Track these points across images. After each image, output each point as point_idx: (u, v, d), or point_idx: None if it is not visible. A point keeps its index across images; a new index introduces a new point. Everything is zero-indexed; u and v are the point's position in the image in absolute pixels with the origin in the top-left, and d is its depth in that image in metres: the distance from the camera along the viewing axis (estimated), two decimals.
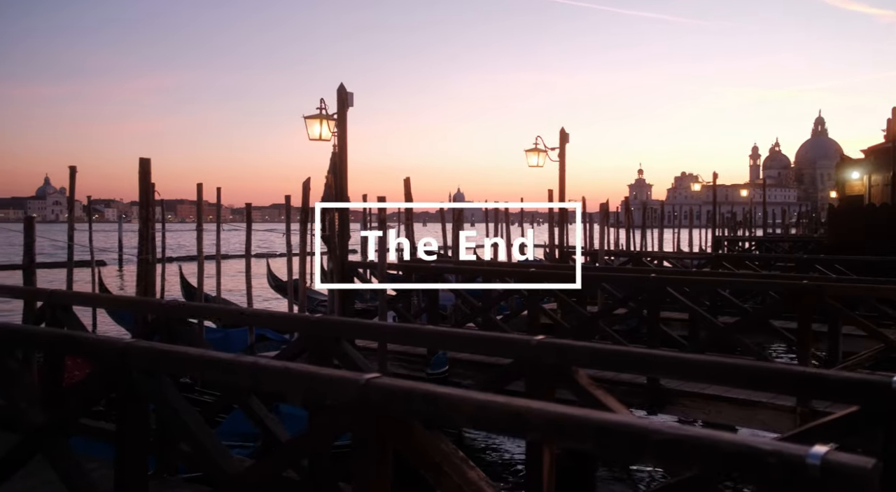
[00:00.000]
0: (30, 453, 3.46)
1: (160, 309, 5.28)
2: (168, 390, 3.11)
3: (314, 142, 9.50)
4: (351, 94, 9.05)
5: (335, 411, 2.63)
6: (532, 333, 5.71)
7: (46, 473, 3.44)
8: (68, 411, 3.49)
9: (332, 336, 4.30)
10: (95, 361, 3.81)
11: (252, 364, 2.83)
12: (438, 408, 2.25)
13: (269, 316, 5.91)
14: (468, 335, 4.42)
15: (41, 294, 5.92)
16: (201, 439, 3.01)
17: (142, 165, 8.52)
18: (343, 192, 9.26)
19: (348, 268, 9.57)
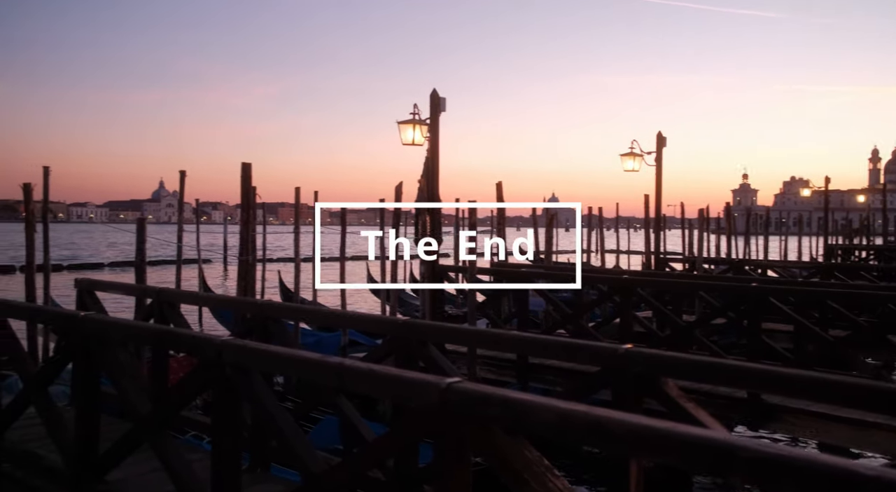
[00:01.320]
0: (138, 441, 3.67)
1: (256, 308, 5.48)
2: (259, 387, 3.22)
3: (407, 146, 9.63)
4: (443, 99, 9.11)
5: (418, 413, 2.64)
6: (623, 341, 5.56)
7: (156, 461, 3.64)
8: (171, 403, 3.67)
9: (418, 339, 4.33)
10: (195, 357, 4.00)
11: (338, 365, 2.89)
12: (516, 414, 2.21)
13: (360, 318, 6.02)
14: (555, 342, 4.34)
15: (150, 292, 6.27)
16: (289, 436, 3.10)
17: (244, 170, 8.91)
18: (435, 195, 9.34)
19: (439, 272, 9.63)
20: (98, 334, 3.91)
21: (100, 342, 3.90)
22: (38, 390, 4.29)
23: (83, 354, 3.95)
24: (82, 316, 4.07)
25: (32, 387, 4.32)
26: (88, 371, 3.96)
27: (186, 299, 6.58)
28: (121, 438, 3.73)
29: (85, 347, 3.92)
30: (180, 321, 5.95)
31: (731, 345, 8.53)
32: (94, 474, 3.82)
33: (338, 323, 9.52)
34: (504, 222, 13.61)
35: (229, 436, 3.29)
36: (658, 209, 13.96)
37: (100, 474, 3.82)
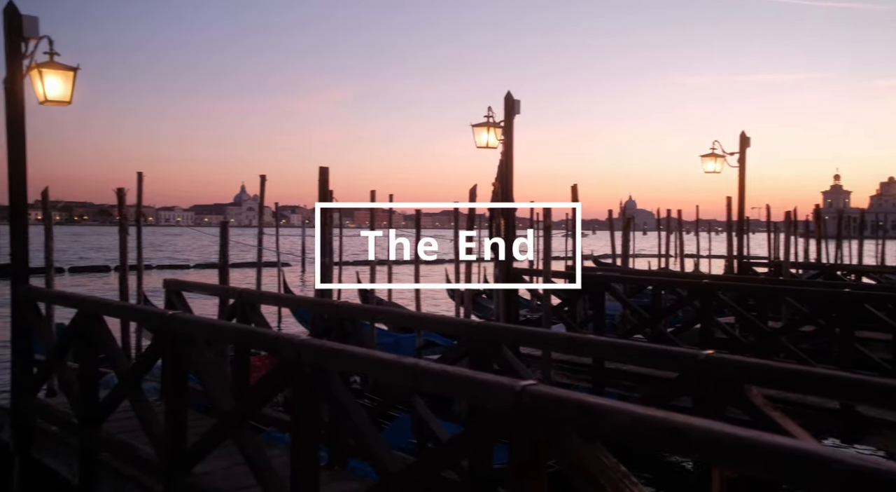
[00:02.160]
0: (222, 435, 3.80)
1: (333, 310, 5.60)
2: (337, 386, 3.29)
3: (481, 149, 9.64)
4: (518, 102, 9.08)
5: (492, 415, 2.64)
6: (704, 347, 5.39)
7: (238, 456, 3.77)
8: (253, 400, 3.79)
9: (493, 341, 4.32)
10: (275, 356, 4.12)
11: (413, 365, 2.92)
12: (592, 418, 2.18)
13: (434, 320, 6.06)
14: (632, 346, 4.26)
15: (233, 293, 6.50)
16: (366, 435, 3.15)
17: (321, 174, 9.11)
18: (509, 198, 9.31)
19: (514, 275, 9.59)
20: (185, 333, 4.08)
21: (186, 341, 4.07)
22: (132, 385, 4.51)
23: (171, 351, 4.12)
24: (170, 315, 4.25)
25: (126, 382, 4.55)
26: (176, 368, 4.14)
27: (267, 300, 6.79)
28: (206, 432, 3.88)
29: (173, 346, 4.10)
30: (261, 321, 6.15)
31: (820, 353, 8.12)
32: (183, 466, 3.98)
33: (413, 324, 9.61)
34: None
35: (308, 433, 3.37)
36: (741, 212, 13.47)
37: (188, 466, 3.98)
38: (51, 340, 5.70)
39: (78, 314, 5.07)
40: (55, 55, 5.76)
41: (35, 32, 5.56)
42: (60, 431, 5.32)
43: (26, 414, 5.65)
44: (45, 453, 5.50)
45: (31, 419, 5.63)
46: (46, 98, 5.85)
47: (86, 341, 5.03)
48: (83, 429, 4.87)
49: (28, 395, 5.75)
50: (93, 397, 4.91)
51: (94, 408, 4.85)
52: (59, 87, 5.88)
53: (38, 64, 5.70)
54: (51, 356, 5.49)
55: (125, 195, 10.13)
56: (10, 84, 5.62)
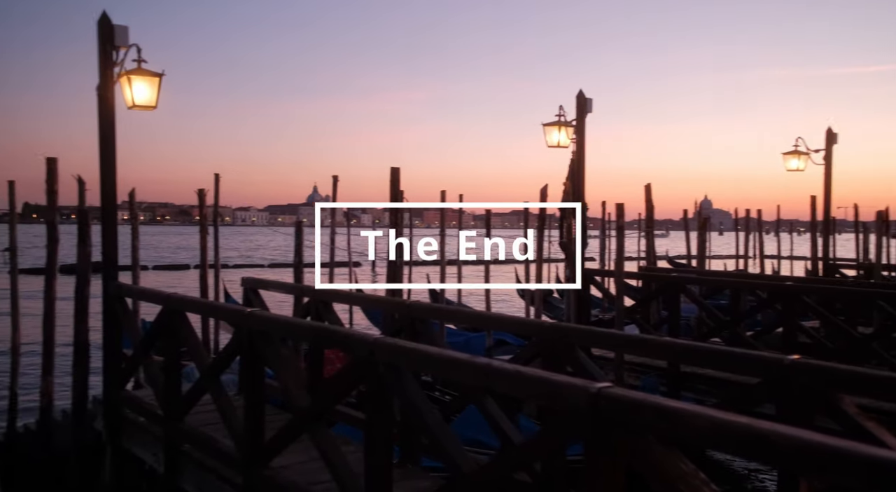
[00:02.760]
0: (298, 431, 3.89)
1: (405, 309, 5.64)
2: (409, 385, 3.31)
3: (552, 149, 9.54)
4: (590, 100, 8.95)
5: (567, 417, 2.60)
6: (787, 352, 5.17)
7: (313, 451, 3.86)
8: (327, 397, 3.87)
9: (565, 342, 4.27)
10: (349, 354, 4.18)
11: (486, 365, 2.91)
12: (671, 423, 2.12)
13: (505, 320, 6.03)
14: (710, 350, 4.12)
15: (307, 291, 6.65)
16: (438, 434, 3.16)
17: (392, 174, 9.21)
18: (581, 198, 9.18)
19: (585, 275, 9.45)
20: (262, 330, 4.20)
21: (264, 337, 4.18)
22: (213, 379, 4.67)
23: (249, 347, 4.25)
24: (248, 312, 4.37)
25: (207, 377, 4.71)
26: (254, 363, 4.26)
27: (340, 299, 6.90)
28: (283, 427, 3.98)
29: (251, 342, 4.22)
30: (334, 319, 6.27)
31: None
32: (261, 460, 4.10)
33: (483, 324, 9.60)
34: (653, 226, 13.11)
35: (381, 431, 3.40)
36: (827, 211, 12.86)
37: (265, 459, 4.10)
38: (137, 335, 5.96)
39: (163, 310, 5.29)
40: (143, 62, 6.02)
41: (125, 41, 5.83)
42: (147, 422, 5.55)
43: (116, 405, 5.94)
44: (133, 443, 5.76)
45: (121, 410, 5.91)
46: (134, 103, 6.12)
47: (170, 336, 5.25)
48: (168, 421, 5.07)
49: (117, 387, 6.04)
50: (176, 390, 5.11)
51: (177, 401, 5.05)
52: (146, 93, 6.14)
53: (127, 71, 5.97)
54: (137, 350, 5.74)
55: (205, 196, 10.51)
56: (102, 91, 5.91)
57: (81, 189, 9.38)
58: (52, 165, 7.59)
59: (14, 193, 12.10)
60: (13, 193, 12.06)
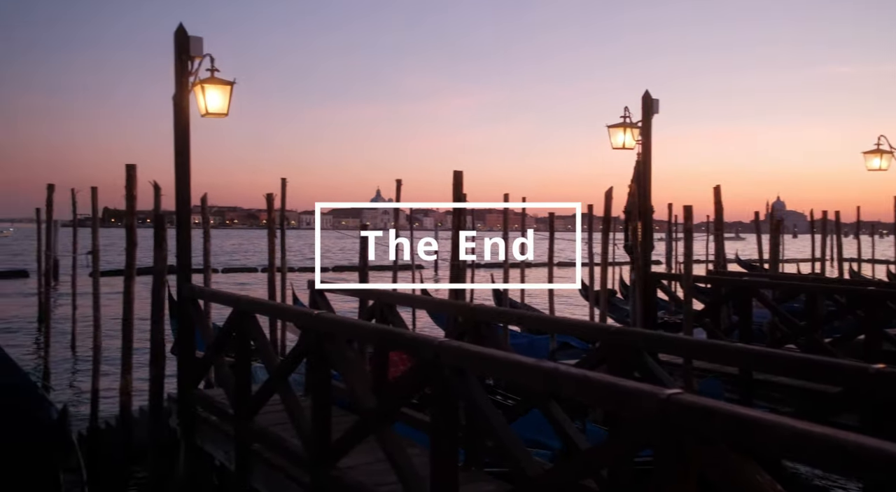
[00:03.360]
0: (364, 432, 3.94)
1: (469, 312, 5.65)
2: (475, 388, 3.31)
3: (617, 150, 9.40)
4: (656, 101, 8.77)
5: (635, 424, 2.55)
6: (870, 361, 4.94)
7: (379, 453, 3.90)
8: (393, 399, 3.90)
9: (632, 347, 4.19)
10: (414, 357, 4.21)
11: (552, 370, 2.88)
12: (745, 431, 2.05)
13: (570, 324, 5.96)
14: (785, 357, 3.97)
15: (371, 294, 6.72)
16: (504, 438, 3.14)
17: (455, 177, 9.26)
18: (647, 201, 9.01)
19: (651, 279, 9.26)
20: (329, 332, 4.27)
21: (331, 339, 4.25)
22: (281, 380, 4.78)
23: (317, 349, 4.32)
24: (315, 315, 4.45)
25: (276, 378, 4.82)
26: (321, 365, 4.33)
27: (404, 301, 6.96)
28: (350, 428, 4.04)
29: (318, 343, 4.29)
30: (398, 321, 6.32)
31: None
32: (328, 460, 4.17)
33: (547, 327, 9.52)
34: (722, 228, 12.74)
35: (447, 434, 3.41)
36: None
37: (333, 460, 4.16)
38: (210, 336, 6.15)
39: (234, 312, 5.44)
40: (215, 71, 6.22)
41: (200, 51, 6.04)
42: (219, 420, 5.72)
43: (189, 404, 6.14)
44: (205, 441, 5.95)
45: (194, 409, 6.11)
46: (207, 111, 6.33)
47: (240, 337, 5.40)
48: (238, 420, 5.21)
49: (190, 386, 6.24)
50: (246, 390, 5.24)
51: (247, 400, 5.18)
52: (219, 101, 6.34)
53: (201, 80, 6.18)
54: (209, 351, 5.92)
55: (273, 200, 10.77)
56: (178, 99, 6.14)
57: (157, 194, 9.76)
58: (131, 171, 7.92)
59: (96, 198, 12.69)
60: (96, 198, 12.66)
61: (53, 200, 15.54)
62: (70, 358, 15.24)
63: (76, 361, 15.01)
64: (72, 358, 15.26)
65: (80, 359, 15.05)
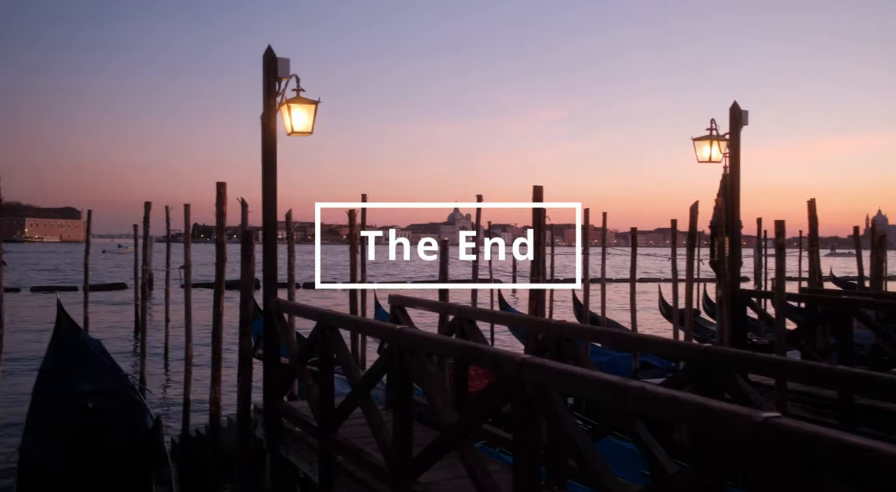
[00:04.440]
0: (446, 448, 3.93)
1: (550, 328, 5.57)
2: (558, 406, 3.25)
3: (703, 164, 9.11)
4: (745, 112, 8.47)
5: (728, 448, 2.44)
6: None
7: (459, 469, 3.88)
8: (474, 415, 3.88)
9: (722, 368, 4.03)
10: (496, 373, 4.18)
11: (639, 389, 2.80)
12: (854, 461, 1.93)
13: (655, 342, 5.79)
14: (893, 381, 3.72)
15: (452, 309, 6.74)
16: (589, 458, 3.07)
17: (535, 192, 9.18)
18: (735, 215, 8.69)
19: (741, 296, 8.91)
20: (411, 346, 4.29)
21: (412, 354, 4.27)
22: (364, 393, 4.83)
23: (399, 363, 4.35)
24: (398, 329, 4.48)
25: (359, 391, 4.88)
26: (403, 379, 4.36)
27: (485, 317, 6.95)
28: (431, 443, 4.03)
29: (400, 358, 4.32)
30: (478, 337, 6.30)
31: None
32: (410, 475, 4.17)
33: (631, 345, 9.28)
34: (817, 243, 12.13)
35: (530, 452, 3.36)
36: None
37: (414, 474, 4.17)
38: (294, 349, 6.29)
39: (318, 326, 5.55)
40: (301, 91, 6.41)
41: (286, 72, 6.25)
42: (303, 432, 5.83)
43: (274, 416, 6.29)
44: (290, 452, 6.07)
45: (278, 420, 6.25)
46: (293, 130, 6.52)
47: (324, 351, 5.50)
48: (322, 432, 5.30)
49: (275, 398, 6.40)
50: (330, 402, 5.33)
51: (331, 413, 5.27)
52: (304, 120, 6.52)
53: (287, 100, 6.38)
54: (294, 363, 6.06)
55: (355, 217, 10.99)
56: (266, 119, 6.36)
57: (244, 210, 10.12)
58: (221, 189, 8.25)
59: (189, 215, 13.28)
60: (188, 215, 13.26)
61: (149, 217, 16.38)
62: (162, 367, 15.95)
63: (168, 370, 15.70)
64: (164, 367, 15.97)
65: (171, 368, 15.73)
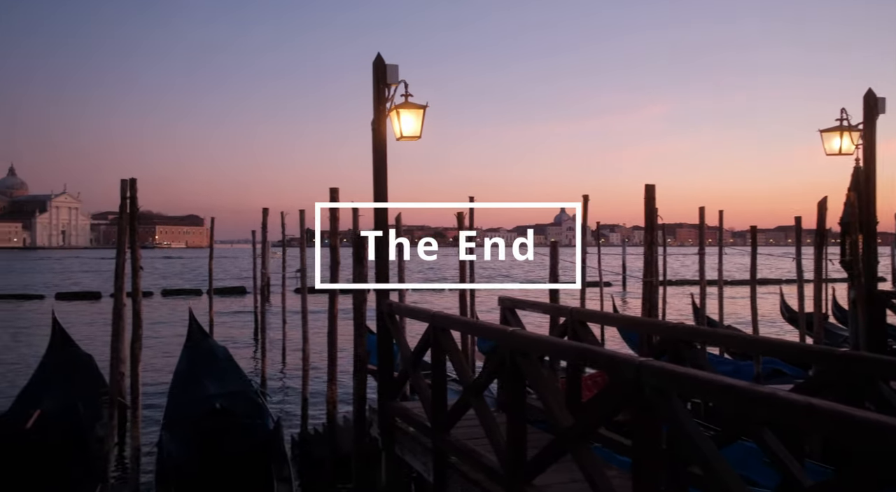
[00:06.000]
0: (562, 451, 3.87)
1: (667, 331, 5.37)
2: (680, 411, 3.12)
3: (831, 157, 8.54)
4: (882, 100, 7.87)
5: (877, 461, 2.26)
6: None
7: (573, 472, 3.81)
8: (590, 419, 3.79)
9: (864, 374, 3.74)
10: (611, 376, 4.07)
11: (770, 395, 2.64)
12: None
13: (781, 346, 5.46)
14: None
15: (563, 311, 6.63)
16: (716, 467, 2.92)
17: (647, 191, 8.90)
18: (870, 210, 8.08)
19: (878, 298, 8.26)
20: (524, 348, 4.25)
21: (525, 356, 4.23)
22: (477, 395, 4.83)
23: (512, 365, 4.32)
24: (510, 331, 4.46)
25: (471, 392, 4.89)
26: (516, 381, 4.32)
27: (597, 319, 6.80)
28: (546, 446, 3.98)
29: (513, 360, 4.29)
30: (591, 339, 6.17)
31: None
32: (524, 477, 4.13)
33: (755, 349, 8.80)
34: None
35: (650, 458, 3.25)
36: None
37: (529, 477, 4.12)
38: (407, 350, 6.39)
39: (430, 327, 5.61)
40: (409, 96, 6.51)
41: (395, 78, 6.37)
42: (416, 432, 5.91)
43: (389, 415, 6.41)
44: (405, 451, 6.17)
45: (393, 420, 6.37)
46: (402, 135, 6.63)
47: (436, 352, 5.55)
48: (435, 432, 5.35)
49: (389, 398, 6.52)
50: (443, 403, 5.37)
51: (444, 414, 5.30)
52: (412, 125, 6.62)
53: (396, 105, 6.50)
54: (406, 364, 6.15)
55: (464, 219, 11.07)
56: (377, 125, 6.50)
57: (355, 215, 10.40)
58: (334, 194, 8.52)
59: (304, 220, 13.82)
60: (304, 220, 13.80)
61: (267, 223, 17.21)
62: (280, 366, 16.66)
63: (285, 370, 16.38)
64: (282, 366, 16.68)
65: (289, 367, 16.41)
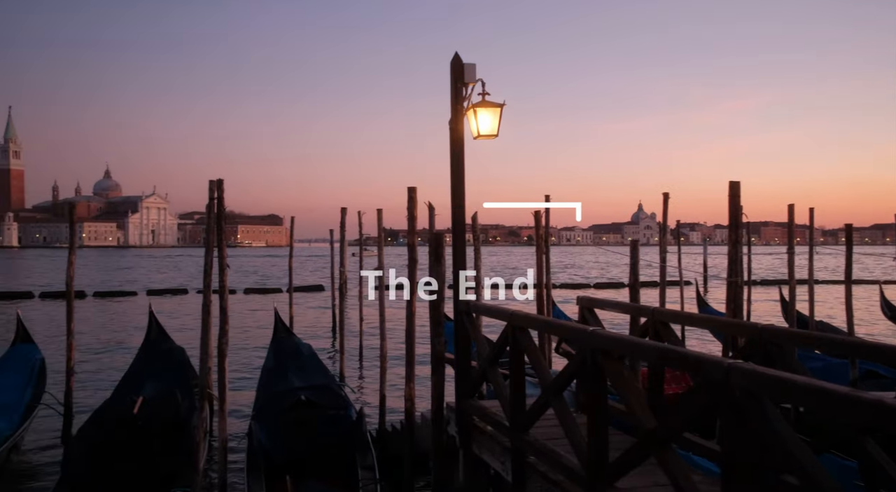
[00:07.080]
0: (645, 454, 3.77)
1: (755, 332, 5.16)
2: (773, 416, 2.99)
3: None
4: None
5: None
6: None
7: (656, 476, 3.70)
8: (675, 421, 3.68)
9: None
10: (698, 378, 3.94)
11: (876, 401, 2.49)
12: None
13: (882, 348, 5.15)
14: None
15: (645, 311, 6.48)
16: (815, 475, 2.79)
17: (731, 188, 8.56)
18: None
19: None
20: (605, 348, 4.17)
21: (606, 356, 4.15)
22: (556, 395, 4.78)
23: (592, 365, 4.24)
24: (591, 331, 4.38)
25: (551, 392, 4.83)
26: (597, 382, 4.24)
27: (679, 319, 6.61)
28: (630, 448, 3.89)
29: (594, 360, 4.21)
30: (673, 339, 6.00)
31: None
32: (606, 480, 4.05)
33: (853, 353, 8.34)
34: None
35: (740, 465, 3.12)
36: None
37: (611, 479, 4.04)
38: (484, 349, 6.37)
39: (508, 326, 5.58)
40: (486, 95, 6.49)
41: (473, 77, 6.36)
42: (494, 431, 5.89)
43: (466, 414, 6.41)
44: (482, 450, 6.16)
45: (470, 418, 6.37)
46: (479, 133, 6.62)
47: (514, 351, 5.51)
48: (514, 432, 5.31)
49: (467, 396, 6.52)
50: (521, 403, 5.33)
51: (522, 413, 5.26)
52: (489, 123, 6.60)
53: (473, 104, 6.49)
54: (484, 363, 6.14)
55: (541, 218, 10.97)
56: (454, 124, 6.51)
57: (432, 214, 10.46)
58: (412, 193, 8.59)
59: (381, 219, 14.02)
60: (381, 219, 14.00)
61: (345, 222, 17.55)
62: (357, 364, 16.95)
63: (363, 368, 16.65)
64: (359, 364, 16.96)
65: (366, 365, 16.68)
